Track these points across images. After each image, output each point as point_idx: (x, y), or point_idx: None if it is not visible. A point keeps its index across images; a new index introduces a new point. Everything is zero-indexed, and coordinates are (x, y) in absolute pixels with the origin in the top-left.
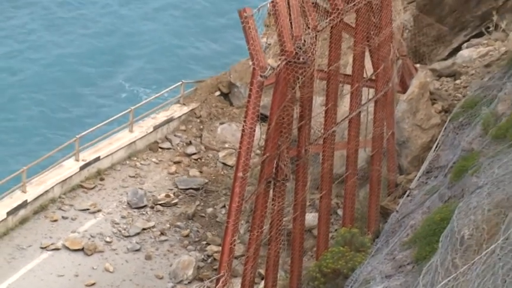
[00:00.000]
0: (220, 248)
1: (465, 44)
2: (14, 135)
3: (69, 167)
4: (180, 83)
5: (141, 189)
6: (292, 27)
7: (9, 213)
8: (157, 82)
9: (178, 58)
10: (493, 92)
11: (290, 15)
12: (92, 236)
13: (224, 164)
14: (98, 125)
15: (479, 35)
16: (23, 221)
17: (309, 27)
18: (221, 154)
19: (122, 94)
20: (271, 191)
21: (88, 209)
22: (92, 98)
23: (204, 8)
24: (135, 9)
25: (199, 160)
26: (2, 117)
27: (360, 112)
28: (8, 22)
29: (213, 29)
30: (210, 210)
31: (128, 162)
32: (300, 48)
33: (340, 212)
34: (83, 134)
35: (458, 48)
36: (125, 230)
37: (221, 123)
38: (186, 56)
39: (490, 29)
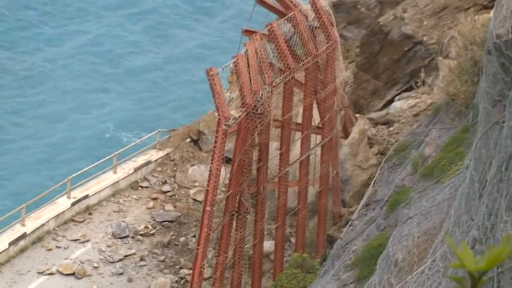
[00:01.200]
0: (191, 271)
1: (397, 97)
2: (13, 176)
3: (62, 204)
4: (157, 131)
5: (124, 222)
6: (251, 83)
7: (10, 244)
8: (138, 127)
9: (156, 107)
10: (420, 137)
11: (249, 73)
12: (81, 262)
13: (194, 199)
14: (87, 168)
15: (409, 89)
16: (23, 250)
17: (265, 84)
18: (192, 191)
19: (106, 135)
20: (234, 222)
21: (78, 239)
22: (81, 139)
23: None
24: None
25: (173, 197)
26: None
27: (309, 155)
28: None
29: (187, 80)
30: (182, 239)
31: (112, 199)
32: (258, 101)
33: (293, 239)
34: (74, 175)
35: (391, 101)
36: (109, 256)
37: (192, 165)
38: (162, 105)
39: (418, 84)
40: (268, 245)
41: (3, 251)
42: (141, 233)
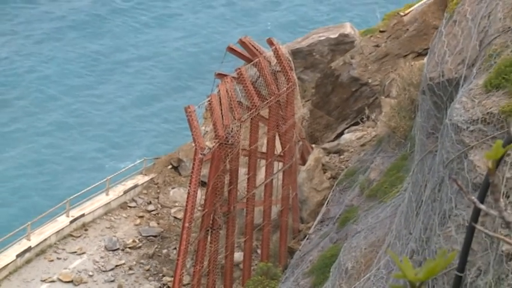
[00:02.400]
0: (173, 278)
1: (346, 130)
2: (20, 199)
3: (62, 221)
4: (143, 159)
5: (115, 236)
6: (223, 119)
7: (18, 256)
8: (126, 156)
9: (141, 136)
10: (366, 163)
11: (221, 110)
12: (79, 271)
13: (175, 217)
14: (83, 191)
15: (356, 123)
16: (28, 261)
17: (235, 119)
18: (173, 210)
19: (101, 163)
20: (209, 237)
21: (76, 252)
22: (80, 171)
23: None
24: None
25: (157, 215)
26: (10, 187)
27: (272, 179)
28: None
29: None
30: (165, 251)
31: (105, 217)
32: (229, 134)
33: (259, 251)
34: (72, 197)
35: (341, 133)
36: (103, 266)
37: (173, 188)
38: (146, 135)
39: (364, 119)
40: (238, 255)
41: (11, 262)
42: (129, 246)
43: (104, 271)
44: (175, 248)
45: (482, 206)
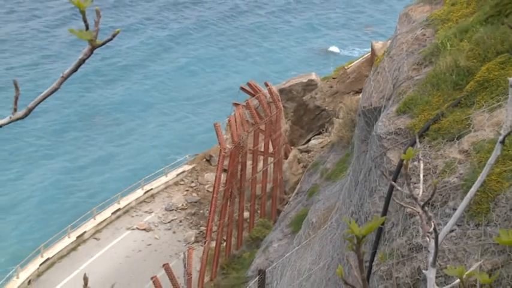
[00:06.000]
0: (206, 227)
1: (313, 138)
2: (113, 173)
3: (139, 193)
4: (188, 155)
5: (171, 202)
6: (237, 130)
7: (112, 213)
8: (179, 153)
9: (188, 141)
10: (324, 159)
11: (236, 125)
12: (149, 223)
13: (208, 191)
14: (152, 173)
15: (319, 134)
16: (118, 216)
17: (244, 131)
18: (206, 186)
19: (166, 155)
20: (228, 203)
21: (147, 211)
22: (153, 161)
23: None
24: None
25: (196, 189)
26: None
27: (267, 168)
28: None
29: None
30: (201, 211)
31: (165, 190)
32: (241, 140)
33: (259, 211)
34: (146, 177)
35: (309, 140)
36: (163, 220)
37: (206, 173)
38: (192, 139)
39: (323, 131)
40: (246, 214)
41: (108, 217)
42: (180, 208)
43: (164, 223)
44: (207, 210)
45: (395, 184)
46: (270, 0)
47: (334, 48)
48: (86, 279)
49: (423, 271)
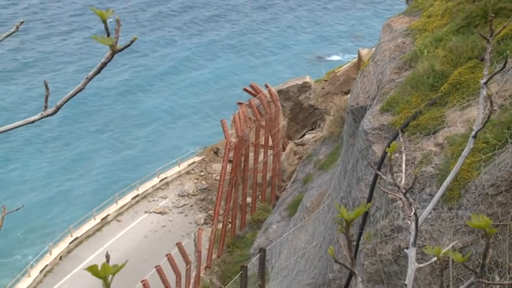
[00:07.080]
0: (213, 211)
1: (307, 133)
2: (131, 165)
3: (154, 181)
4: (198, 147)
5: (183, 188)
6: (241, 126)
7: (132, 199)
8: (190, 145)
9: (198, 136)
10: (317, 151)
11: (240, 121)
12: (164, 207)
13: (215, 179)
14: (167, 164)
15: (313, 129)
16: (137, 202)
17: (247, 126)
18: (214, 175)
19: (180, 147)
20: (233, 189)
21: (162, 196)
22: (169, 152)
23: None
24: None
25: (205, 177)
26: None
27: (267, 159)
28: None
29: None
30: (209, 197)
31: (178, 178)
32: (244, 134)
33: (260, 197)
34: (162, 167)
35: (304, 134)
36: (177, 204)
37: (214, 163)
38: (201, 134)
39: (316, 127)
40: (249, 199)
41: (127, 202)
42: (191, 194)
43: (177, 207)
44: (215, 196)
45: (379, 173)
46: (274, 21)
47: (325, 55)
48: (107, 256)
49: (404, 250)
